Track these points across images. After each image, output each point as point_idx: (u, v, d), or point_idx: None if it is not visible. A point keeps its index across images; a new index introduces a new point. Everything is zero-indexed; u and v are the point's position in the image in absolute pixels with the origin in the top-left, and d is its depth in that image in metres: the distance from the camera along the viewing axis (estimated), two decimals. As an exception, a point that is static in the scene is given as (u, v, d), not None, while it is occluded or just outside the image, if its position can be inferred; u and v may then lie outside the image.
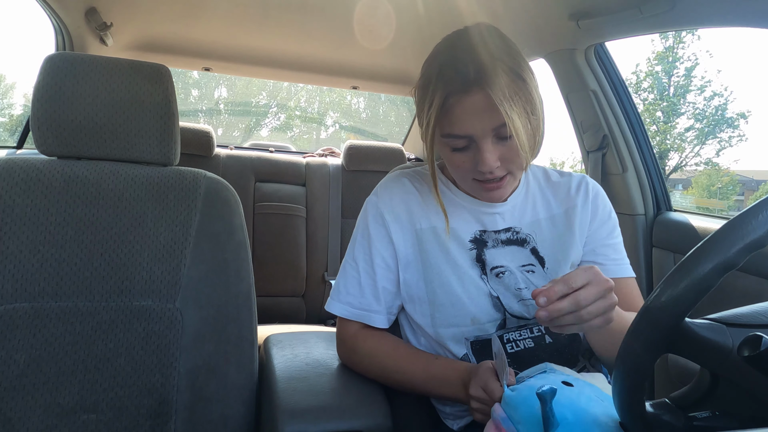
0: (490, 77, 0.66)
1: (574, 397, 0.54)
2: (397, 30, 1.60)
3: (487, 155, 0.69)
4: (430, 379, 0.74)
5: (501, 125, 0.68)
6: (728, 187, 13.88)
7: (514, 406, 0.56)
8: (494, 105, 0.66)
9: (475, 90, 0.67)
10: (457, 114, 0.69)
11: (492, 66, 0.67)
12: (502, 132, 0.69)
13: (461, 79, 0.67)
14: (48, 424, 0.78)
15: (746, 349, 0.41)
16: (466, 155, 0.72)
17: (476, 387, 0.65)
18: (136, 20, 1.64)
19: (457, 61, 0.68)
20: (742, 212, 0.42)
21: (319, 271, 2.03)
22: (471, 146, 0.71)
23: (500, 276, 0.79)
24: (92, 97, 0.86)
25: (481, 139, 0.69)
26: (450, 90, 0.68)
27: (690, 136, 14.30)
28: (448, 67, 0.69)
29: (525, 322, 0.78)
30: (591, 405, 0.54)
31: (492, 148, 0.70)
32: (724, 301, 0.78)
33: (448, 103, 0.69)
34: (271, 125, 16.14)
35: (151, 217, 0.87)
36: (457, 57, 0.69)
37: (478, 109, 0.67)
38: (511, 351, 0.77)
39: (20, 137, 1.74)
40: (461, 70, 0.67)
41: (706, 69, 21.72)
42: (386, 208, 0.82)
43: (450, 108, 0.69)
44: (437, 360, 0.76)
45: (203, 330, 0.86)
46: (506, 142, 0.70)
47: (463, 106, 0.68)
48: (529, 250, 0.81)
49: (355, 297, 0.82)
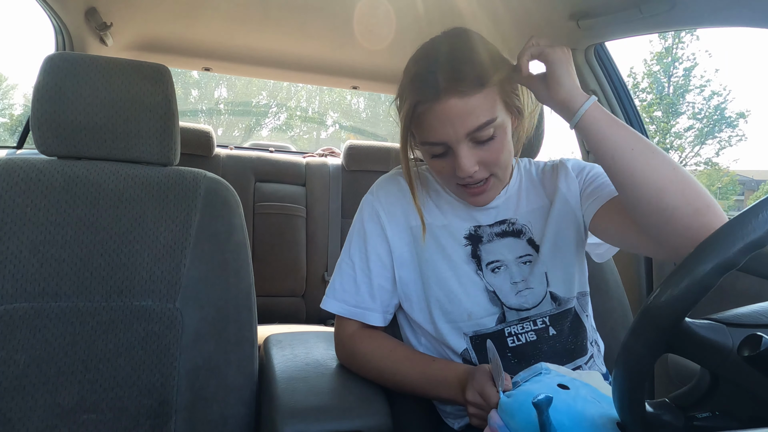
0: (457, 79, 0.67)
1: (570, 401, 0.54)
2: (397, 30, 1.60)
3: (463, 161, 0.70)
4: (428, 381, 0.74)
5: (475, 129, 0.69)
6: (728, 187, 13.88)
7: (511, 413, 0.56)
8: (466, 110, 0.67)
9: (444, 96, 0.67)
10: (430, 121, 0.70)
11: (458, 67, 0.68)
12: (479, 136, 0.70)
13: (431, 86, 0.68)
14: (48, 424, 0.78)
15: (746, 349, 0.41)
16: (445, 161, 0.73)
17: (473, 392, 0.65)
18: (136, 20, 1.64)
19: (428, 69, 0.69)
20: (742, 212, 0.42)
21: (319, 271, 2.03)
22: (448, 152, 0.72)
23: (496, 271, 0.79)
24: (92, 97, 0.86)
25: (456, 145, 0.70)
26: (420, 98, 0.69)
27: (690, 136, 14.31)
28: (419, 75, 0.70)
29: (526, 314, 0.78)
30: (588, 408, 0.54)
31: (468, 153, 0.70)
32: (724, 301, 0.78)
33: (418, 111, 0.70)
34: (271, 125, 16.14)
35: (151, 217, 0.87)
36: (428, 65, 0.70)
37: (449, 115, 0.68)
38: (513, 345, 0.77)
39: (20, 137, 1.74)
40: (430, 78, 0.68)
41: (705, 69, 21.75)
42: (382, 206, 0.83)
43: (422, 116, 0.70)
44: (435, 362, 0.76)
45: (203, 330, 0.86)
46: (485, 145, 0.71)
47: (434, 113, 0.69)
48: (525, 241, 0.81)
49: (351, 294, 0.82)
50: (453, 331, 0.78)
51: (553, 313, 0.78)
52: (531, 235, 0.81)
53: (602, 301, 0.98)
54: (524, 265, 0.79)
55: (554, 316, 0.78)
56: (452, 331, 0.78)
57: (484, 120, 0.69)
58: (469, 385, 0.66)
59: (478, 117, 0.68)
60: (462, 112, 0.68)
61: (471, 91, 0.67)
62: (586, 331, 0.81)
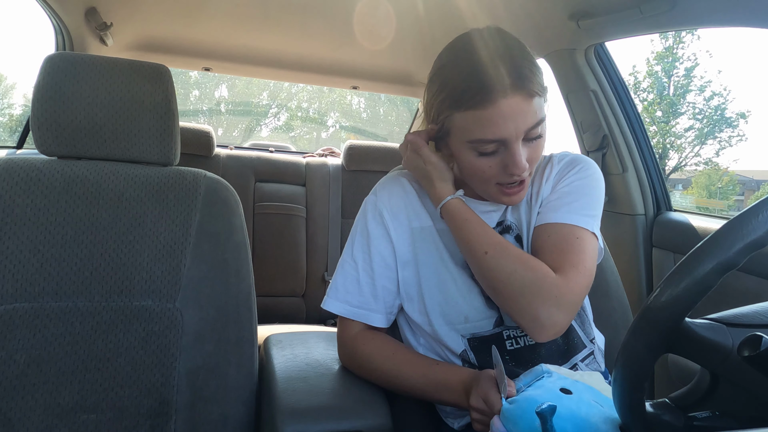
0: (525, 79, 0.67)
1: (573, 407, 0.54)
2: (397, 30, 1.60)
3: (519, 158, 0.70)
4: (431, 384, 0.74)
5: (532, 126, 0.69)
6: (728, 187, 13.88)
7: (514, 421, 0.56)
8: (527, 108, 0.67)
9: (511, 93, 0.66)
10: (491, 117, 0.68)
11: (522, 68, 0.67)
12: (532, 133, 0.70)
13: (496, 81, 0.66)
14: (48, 424, 0.78)
15: (746, 349, 0.41)
16: (493, 160, 0.72)
17: (477, 398, 0.65)
18: (136, 20, 1.64)
19: (488, 65, 0.68)
20: (742, 212, 0.42)
21: (319, 271, 2.03)
22: (499, 150, 0.71)
23: None
24: (92, 97, 0.86)
25: (515, 142, 0.69)
26: (484, 93, 0.67)
27: (690, 136, 14.31)
28: (479, 71, 0.68)
29: None
30: (591, 413, 0.54)
31: (523, 151, 0.70)
32: (724, 301, 0.78)
33: (481, 106, 0.68)
34: (271, 125, 16.15)
35: (151, 217, 0.87)
36: (485, 61, 0.68)
37: (513, 112, 0.67)
38: (511, 348, 0.77)
39: (20, 137, 1.74)
40: (492, 73, 0.67)
41: (706, 69, 21.77)
42: (385, 207, 0.82)
43: (482, 111, 0.68)
44: (438, 365, 0.75)
45: (203, 330, 0.86)
46: (533, 143, 0.71)
47: (499, 109, 0.67)
48: (513, 237, 0.81)
49: (354, 295, 0.82)
50: (451, 333, 0.78)
51: None
52: (519, 231, 0.81)
53: (602, 301, 0.98)
54: None
55: None
56: (450, 332, 0.78)
57: (539, 118, 0.69)
58: (474, 390, 0.66)
59: (535, 115, 0.69)
60: (525, 110, 0.67)
61: (536, 92, 0.68)
62: (575, 329, 0.80)
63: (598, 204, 0.80)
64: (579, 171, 0.80)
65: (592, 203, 0.78)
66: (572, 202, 0.77)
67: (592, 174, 0.81)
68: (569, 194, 0.78)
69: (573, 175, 0.80)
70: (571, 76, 1.47)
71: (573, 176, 0.80)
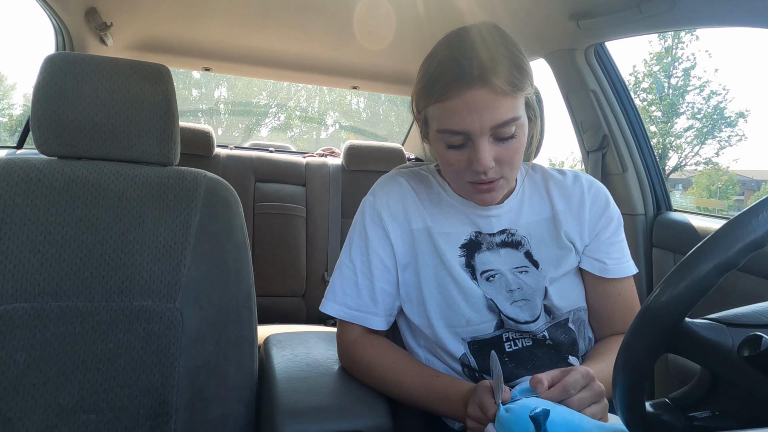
0: (493, 74, 0.66)
1: (566, 413, 0.55)
2: (397, 30, 1.60)
3: (482, 154, 0.69)
4: (431, 396, 0.73)
5: (499, 125, 0.68)
6: (728, 187, 13.87)
7: (508, 426, 0.56)
8: (494, 103, 0.66)
9: (478, 85, 0.66)
10: (456, 107, 0.68)
11: (494, 63, 0.66)
12: (501, 132, 0.69)
13: (465, 71, 0.66)
14: (48, 424, 0.78)
15: (746, 349, 0.41)
16: (461, 153, 0.72)
17: (473, 405, 0.65)
18: (136, 20, 1.64)
19: (460, 57, 0.68)
20: (742, 212, 0.42)
21: (319, 271, 2.03)
22: (467, 144, 0.71)
23: (491, 279, 0.78)
24: (92, 97, 0.86)
25: (479, 137, 0.68)
26: (451, 83, 0.67)
27: (690, 136, 14.30)
28: (450, 62, 0.68)
29: (526, 328, 0.77)
30: (584, 419, 0.55)
31: (488, 148, 0.69)
32: (724, 301, 0.78)
33: (447, 96, 0.68)
34: (271, 125, 16.13)
35: (151, 217, 0.87)
36: (460, 52, 0.68)
37: (478, 105, 0.67)
38: (510, 350, 0.77)
39: (20, 137, 1.74)
40: (463, 64, 0.67)
41: (705, 69, 21.75)
42: (384, 208, 0.82)
43: (448, 100, 0.68)
44: (439, 377, 0.75)
45: (203, 330, 0.86)
46: (504, 143, 0.70)
47: (463, 100, 0.67)
48: (523, 254, 0.80)
49: (352, 298, 0.81)
50: (451, 336, 0.78)
51: (549, 325, 0.78)
52: (529, 248, 0.80)
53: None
54: (520, 275, 0.79)
55: (550, 327, 0.78)
56: (450, 336, 0.78)
57: (509, 116, 0.68)
58: (470, 398, 0.66)
59: (506, 112, 0.67)
60: (491, 105, 0.66)
61: (504, 90, 0.66)
62: (574, 332, 0.81)
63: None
64: (611, 204, 0.84)
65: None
66: (624, 248, 0.84)
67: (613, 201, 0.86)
68: (620, 240, 0.84)
69: (611, 211, 0.84)
70: (571, 76, 1.47)
71: (612, 211, 0.84)
